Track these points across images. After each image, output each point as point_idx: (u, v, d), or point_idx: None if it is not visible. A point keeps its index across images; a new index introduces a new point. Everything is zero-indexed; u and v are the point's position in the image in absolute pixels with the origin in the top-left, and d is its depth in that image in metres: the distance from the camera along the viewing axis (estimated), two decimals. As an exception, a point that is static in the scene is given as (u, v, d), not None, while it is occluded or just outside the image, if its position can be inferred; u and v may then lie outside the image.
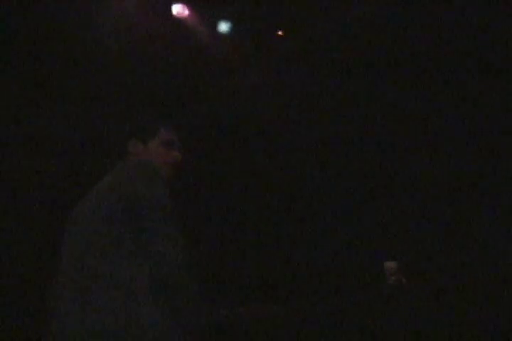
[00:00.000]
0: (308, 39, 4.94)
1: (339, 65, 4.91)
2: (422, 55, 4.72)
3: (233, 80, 4.85)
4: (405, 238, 4.55)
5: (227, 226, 4.69)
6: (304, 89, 4.96)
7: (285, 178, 4.99)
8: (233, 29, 4.80)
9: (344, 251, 4.60)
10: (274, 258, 4.76)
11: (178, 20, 4.65)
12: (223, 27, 4.80)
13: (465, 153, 4.37)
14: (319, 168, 4.96)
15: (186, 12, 4.69)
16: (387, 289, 4.11)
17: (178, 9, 4.66)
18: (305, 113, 5.03)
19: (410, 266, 4.25)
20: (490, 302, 3.77)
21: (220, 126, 4.84)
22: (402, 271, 4.20)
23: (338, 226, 4.66)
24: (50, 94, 4.38)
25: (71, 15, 4.14)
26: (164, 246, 1.93)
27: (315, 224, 4.89)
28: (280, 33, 4.93)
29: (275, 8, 4.81)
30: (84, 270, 1.94)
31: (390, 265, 4.28)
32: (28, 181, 4.28)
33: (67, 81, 4.36)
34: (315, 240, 4.82)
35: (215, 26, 4.79)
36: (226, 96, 4.80)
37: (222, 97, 4.79)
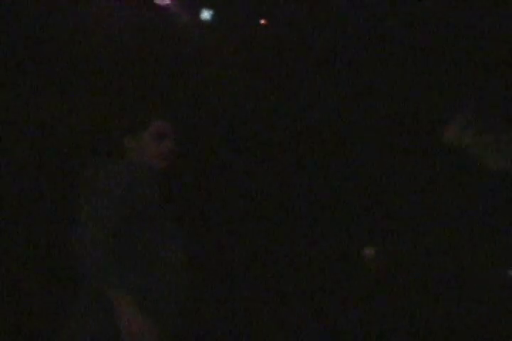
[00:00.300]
0: (292, 28, 4.95)
1: (324, 55, 4.92)
2: (413, 45, 4.72)
3: (215, 69, 4.87)
4: (385, 224, 4.56)
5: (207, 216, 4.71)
6: (288, 78, 4.97)
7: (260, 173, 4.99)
8: (216, 17, 4.82)
9: (321, 237, 4.61)
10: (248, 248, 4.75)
11: (159, 8, 4.68)
12: (205, 15, 4.82)
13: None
14: (299, 160, 4.97)
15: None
16: (366, 276, 4.13)
17: (161, -4, 4.68)
18: (288, 102, 5.04)
19: (390, 253, 4.27)
20: (470, 290, 3.78)
21: (200, 114, 4.86)
22: (382, 258, 4.21)
23: (317, 212, 4.67)
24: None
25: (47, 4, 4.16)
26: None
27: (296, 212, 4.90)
28: (263, 21, 4.95)
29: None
30: None
31: (369, 251, 4.28)
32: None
33: (49, 72, 4.37)
34: (294, 226, 4.83)
35: (197, 14, 4.81)
36: (208, 84, 4.82)
37: (203, 86, 4.82)
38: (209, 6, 4.80)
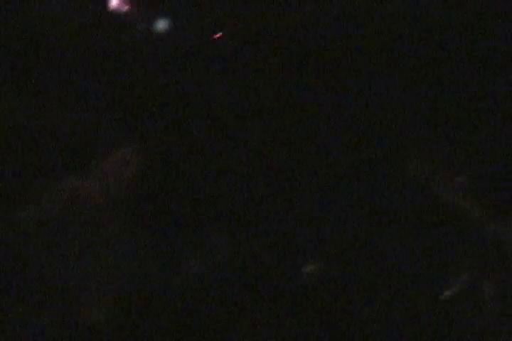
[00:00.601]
0: (250, 39, 4.98)
1: (280, 66, 4.96)
2: (373, 61, 4.79)
3: (171, 79, 4.85)
4: (328, 236, 4.58)
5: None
6: (244, 90, 4.99)
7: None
8: (172, 27, 4.80)
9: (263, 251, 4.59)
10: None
11: (115, 15, 4.63)
12: (162, 24, 4.79)
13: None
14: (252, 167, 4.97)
15: (125, 7, 4.68)
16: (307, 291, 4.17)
17: (116, 3, 4.64)
18: (247, 112, 5.05)
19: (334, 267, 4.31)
20: (402, 312, 3.86)
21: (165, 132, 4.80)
22: (325, 272, 4.26)
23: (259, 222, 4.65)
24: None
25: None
26: None
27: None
28: (218, 35, 4.97)
29: (217, 7, 4.84)
30: None
31: (311, 266, 4.32)
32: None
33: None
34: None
35: (153, 23, 4.78)
36: (164, 95, 4.79)
37: (159, 97, 4.78)
38: (166, 16, 4.78)
